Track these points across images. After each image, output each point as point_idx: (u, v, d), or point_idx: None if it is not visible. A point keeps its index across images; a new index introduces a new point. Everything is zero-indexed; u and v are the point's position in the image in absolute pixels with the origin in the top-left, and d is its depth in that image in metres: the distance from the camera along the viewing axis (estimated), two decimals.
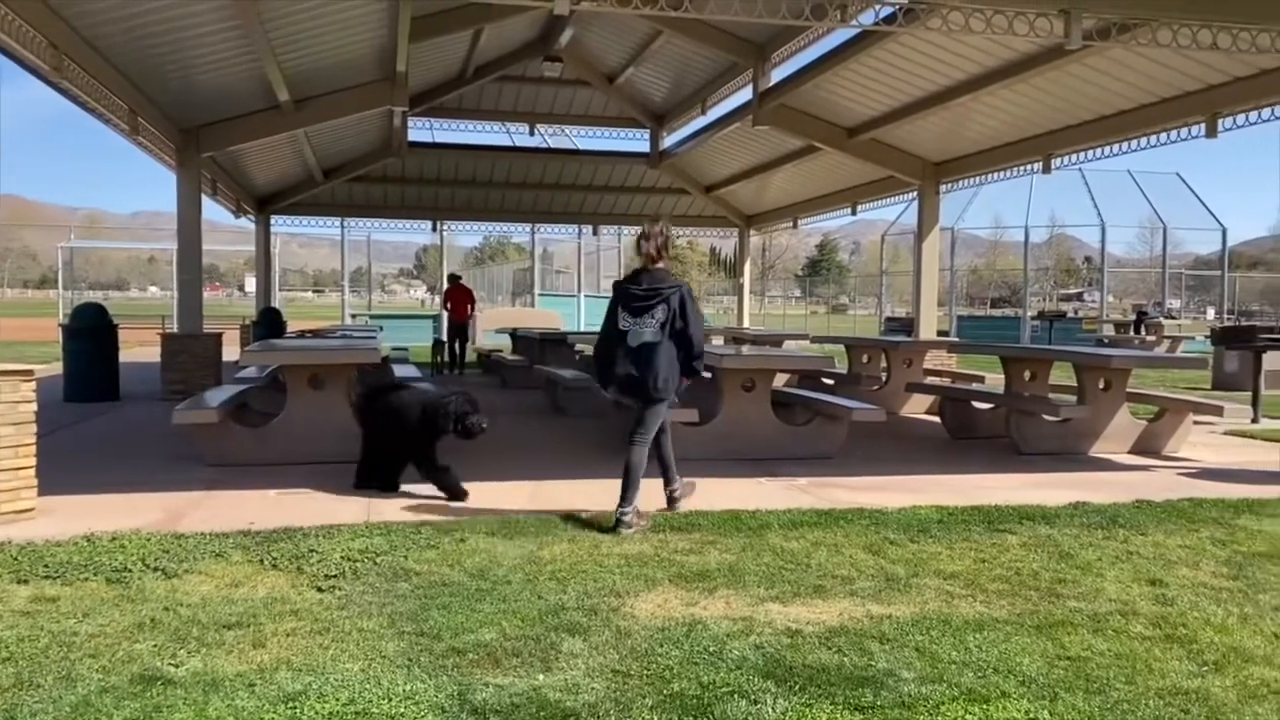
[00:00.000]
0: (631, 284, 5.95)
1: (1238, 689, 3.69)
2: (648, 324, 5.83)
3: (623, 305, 5.91)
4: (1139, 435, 9.05)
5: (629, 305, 5.88)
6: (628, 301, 5.89)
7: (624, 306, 5.90)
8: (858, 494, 6.90)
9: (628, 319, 5.88)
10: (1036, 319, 31.10)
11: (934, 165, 14.45)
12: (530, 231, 29.54)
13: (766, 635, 4.11)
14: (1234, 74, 9.46)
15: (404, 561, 5.02)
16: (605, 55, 17.14)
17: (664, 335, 5.83)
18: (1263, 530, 5.90)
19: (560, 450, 8.93)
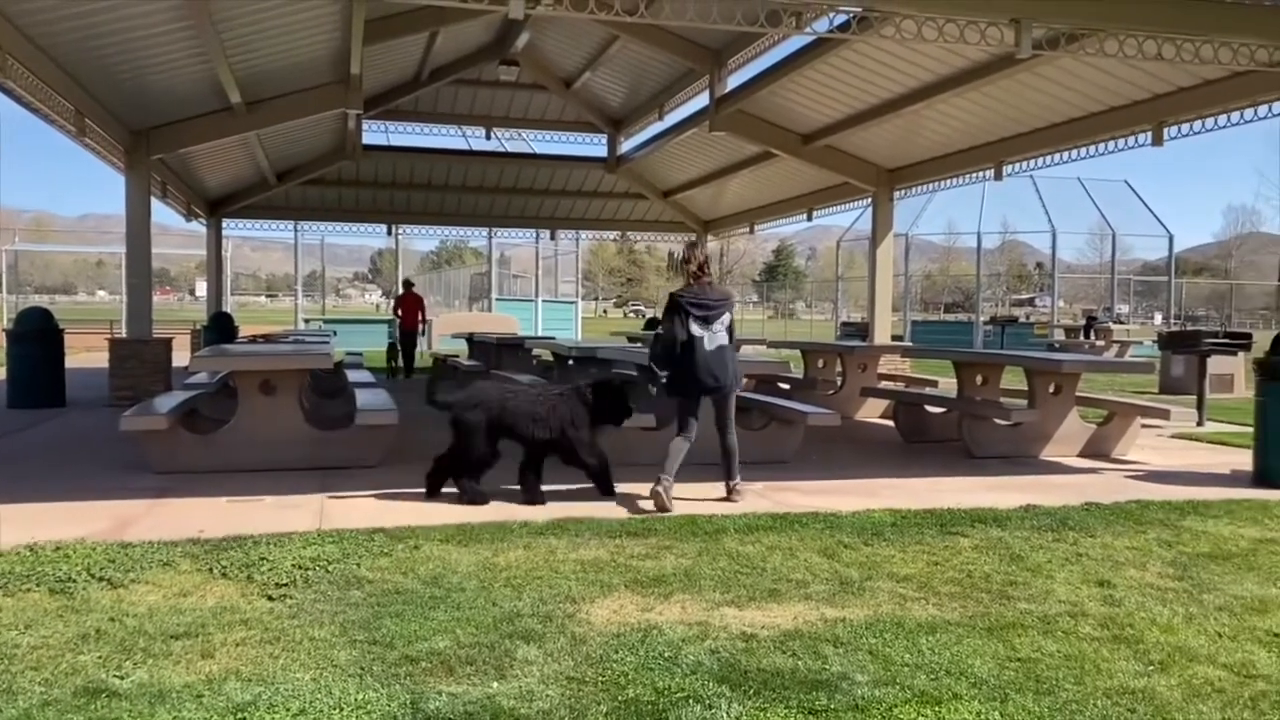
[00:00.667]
0: (698, 296, 6.71)
1: (1182, 688, 3.75)
2: (719, 330, 6.69)
3: (691, 315, 6.65)
4: (1088, 438, 9.19)
5: (699, 315, 6.66)
6: (698, 311, 6.66)
7: (693, 316, 6.65)
8: (813, 498, 6.94)
9: (699, 327, 6.65)
10: (989, 324, 31.56)
11: (888, 172, 14.60)
12: (487, 235, 29.40)
13: (722, 640, 4.12)
14: (1179, 84, 9.65)
15: (357, 569, 4.96)
16: (562, 60, 17.13)
17: (729, 338, 6.78)
18: (1207, 531, 6.02)
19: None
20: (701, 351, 6.62)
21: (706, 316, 6.65)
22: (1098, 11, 6.99)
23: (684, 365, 6.65)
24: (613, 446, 7.15)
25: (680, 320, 6.64)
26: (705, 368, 6.64)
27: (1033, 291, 72.21)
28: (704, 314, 6.66)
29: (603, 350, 10.09)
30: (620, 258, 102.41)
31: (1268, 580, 5.09)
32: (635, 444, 7.97)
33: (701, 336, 6.64)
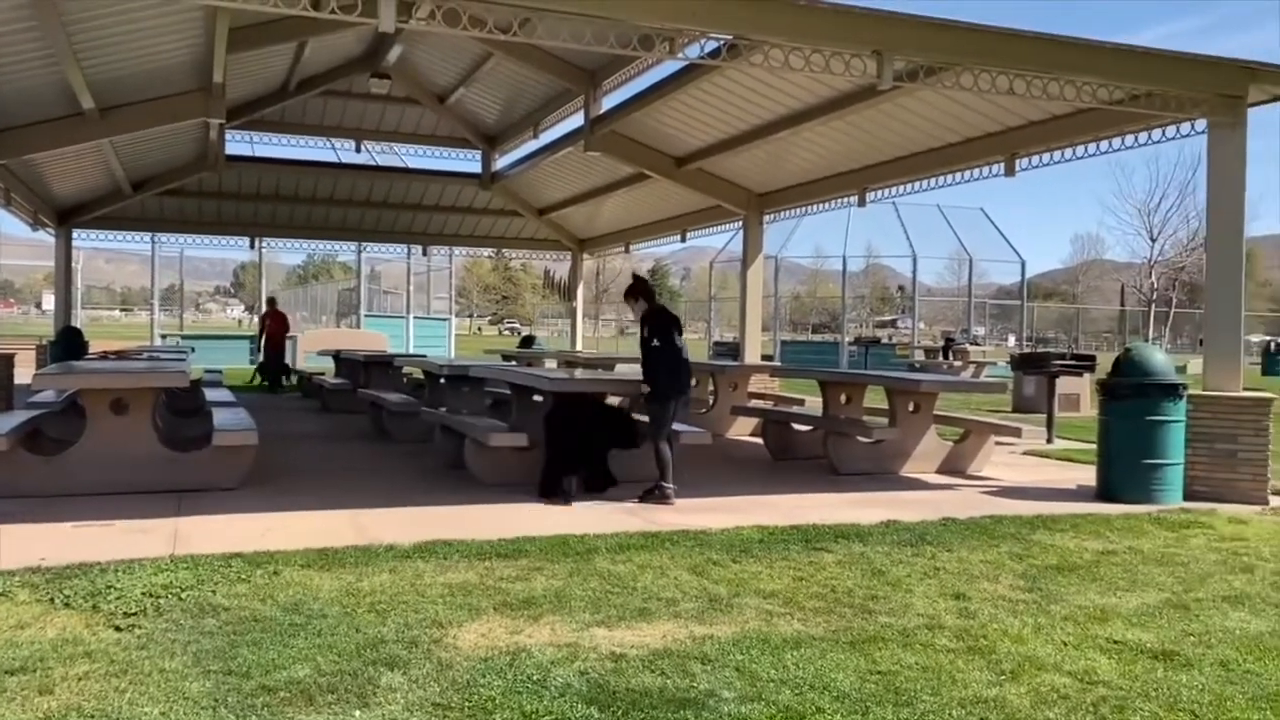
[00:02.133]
0: (672, 315, 7.90)
1: (1031, 695, 3.92)
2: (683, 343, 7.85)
3: (675, 329, 7.75)
4: (946, 455, 9.55)
5: (679, 329, 7.82)
6: (678, 327, 7.82)
7: (676, 330, 7.75)
8: (684, 516, 7.00)
9: (678, 338, 7.76)
10: (854, 344, 32.49)
11: (758, 196, 14.91)
12: (357, 250, 28.78)
13: (591, 661, 4.11)
14: (1029, 118, 10.16)
15: (211, 597, 4.77)
16: (435, 74, 16.94)
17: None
18: (1055, 544, 6.31)
19: (387, 476, 8.70)
20: (680, 360, 7.71)
21: (679, 329, 7.82)
22: (954, 46, 7.32)
23: (676, 374, 7.65)
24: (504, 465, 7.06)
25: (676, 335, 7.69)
26: (685, 374, 7.81)
27: (895, 313, 74.84)
28: (678, 328, 7.82)
29: (475, 369, 9.98)
30: (495, 275, 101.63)
31: (1109, 590, 5.37)
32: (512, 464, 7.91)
33: (682, 347, 7.73)
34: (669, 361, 7.63)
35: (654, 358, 7.67)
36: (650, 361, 7.70)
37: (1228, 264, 8.31)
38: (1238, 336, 8.36)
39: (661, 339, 7.63)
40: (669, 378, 7.60)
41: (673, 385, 7.63)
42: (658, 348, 7.64)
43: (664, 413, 7.62)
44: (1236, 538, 6.66)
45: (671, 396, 7.63)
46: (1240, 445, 7.94)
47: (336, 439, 11.40)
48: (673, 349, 7.65)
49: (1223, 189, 8.28)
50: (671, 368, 7.64)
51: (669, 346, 7.64)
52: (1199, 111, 8.16)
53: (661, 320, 7.74)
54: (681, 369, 7.71)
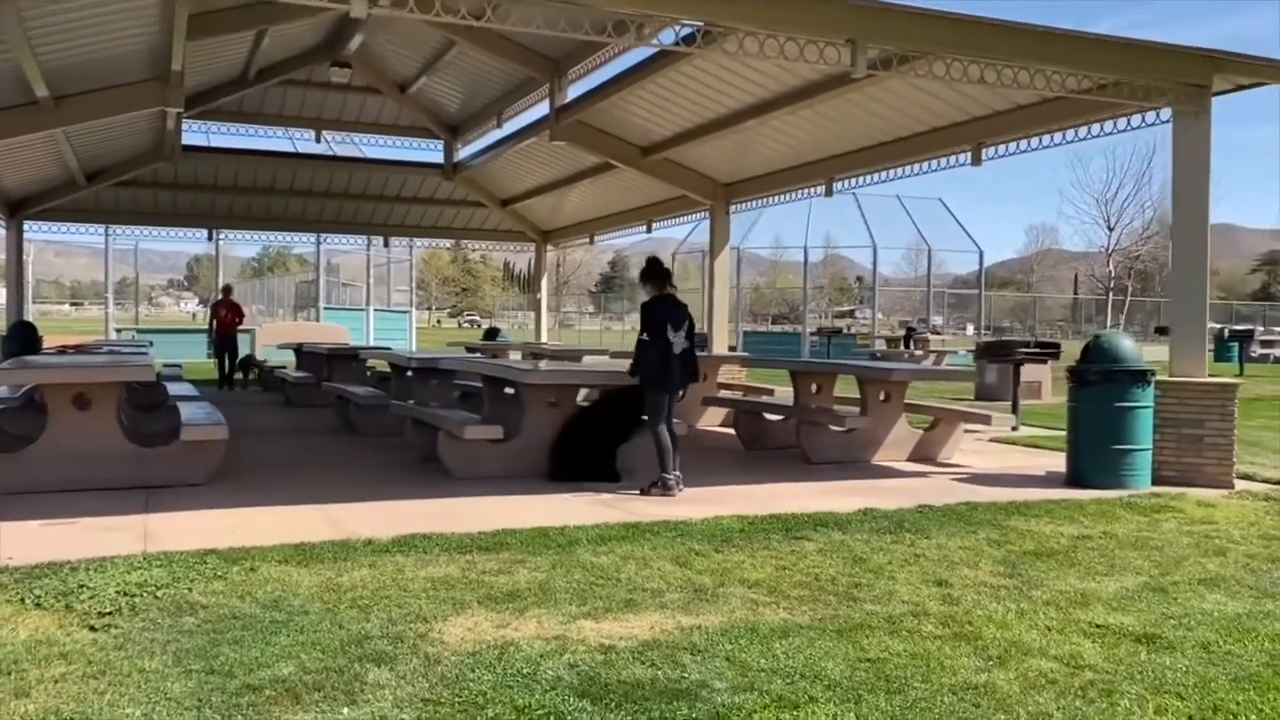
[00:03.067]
0: (674, 306, 7.63)
1: (1020, 680, 3.94)
2: (682, 335, 7.56)
3: (670, 323, 7.49)
4: (916, 443, 9.60)
5: (677, 322, 7.52)
6: (676, 320, 7.53)
7: (671, 323, 7.49)
8: (663, 507, 6.98)
9: (673, 333, 7.49)
10: (815, 335, 32.66)
11: (724, 186, 14.90)
12: (315, 242, 28.41)
13: (580, 653, 4.07)
14: (995, 108, 10.22)
15: (188, 594, 4.66)
16: (397, 63, 16.73)
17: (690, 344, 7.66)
18: (1031, 530, 6.36)
19: (357, 470, 8.59)
20: (671, 353, 7.47)
21: (680, 324, 7.56)
22: (928, 35, 7.33)
23: (663, 371, 7.49)
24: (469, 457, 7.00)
25: (665, 327, 7.47)
26: (679, 367, 7.55)
27: (853, 304, 75.40)
28: (680, 321, 7.57)
29: (445, 361, 9.88)
30: (454, 267, 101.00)
31: (1087, 575, 5.41)
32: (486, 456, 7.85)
33: (673, 341, 7.48)
34: (651, 356, 7.51)
35: (642, 351, 7.59)
36: (635, 355, 7.65)
37: (1193, 251, 8.42)
38: (1203, 323, 8.48)
39: (650, 333, 7.51)
40: (653, 373, 7.49)
41: (656, 380, 7.51)
42: (643, 341, 7.55)
43: (655, 405, 7.55)
44: (1206, 521, 6.76)
45: (660, 391, 7.54)
46: (1207, 430, 8.06)
47: (302, 433, 11.25)
48: (661, 343, 7.47)
49: (1187, 177, 8.38)
50: (657, 364, 7.49)
51: (658, 340, 7.48)
52: (1164, 100, 8.25)
53: (656, 312, 7.59)
54: (670, 364, 7.50)
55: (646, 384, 7.58)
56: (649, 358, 7.53)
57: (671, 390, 7.63)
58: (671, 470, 7.50)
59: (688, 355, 7.64)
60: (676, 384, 7.64)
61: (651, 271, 7.79)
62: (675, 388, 7.67)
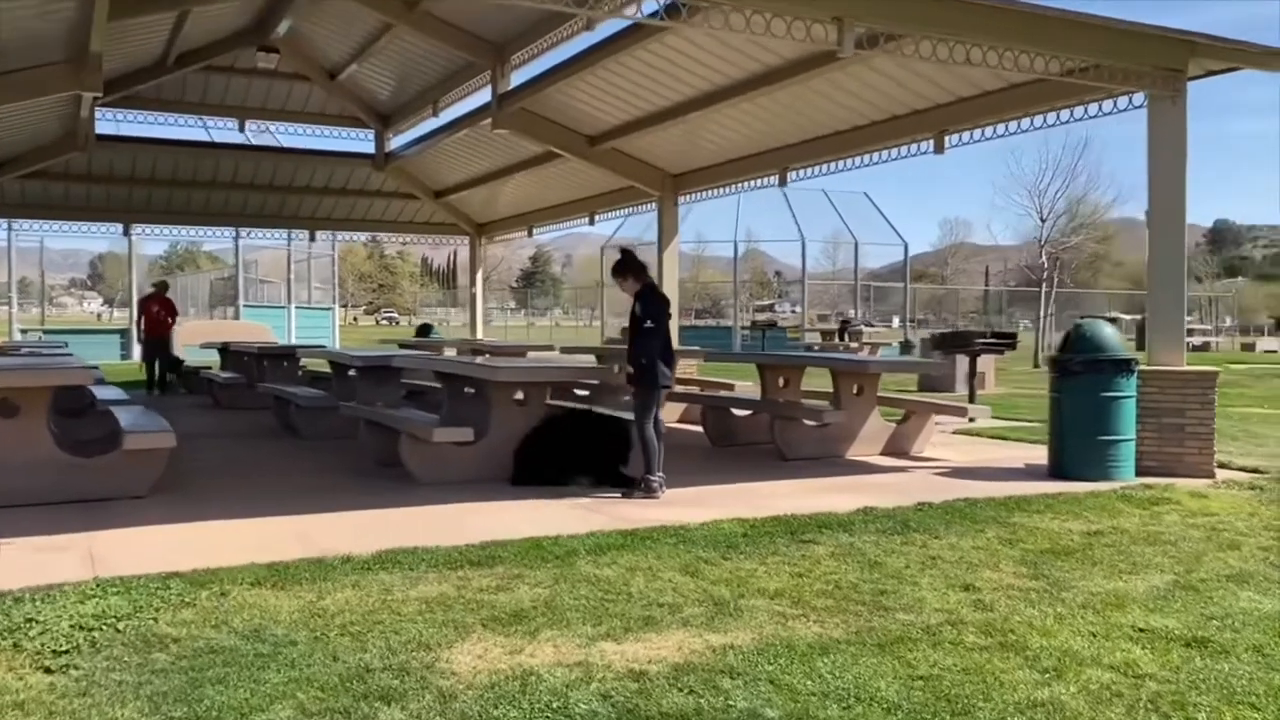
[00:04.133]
0: (663, 297, 7.45)
1: (1084, 695, 3.66)
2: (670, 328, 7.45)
3: (668, 313, 7.37)
4: (889, 437, 9.38)
5: (667, 315, 7.35)
6: (666, 312, 7.36)
7: (669, 314, 7.38)
8: (649, 510, 6.60)
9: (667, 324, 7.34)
10: (748, 329, 32.61)
11: (673, 177, 14.55)
12: (234, 237, 27.32)
13: (610, 681, 3.67)
14: (959, 94, 10.04)
15: (155, 625, 4.13)
16: (327, 48, 16.00)
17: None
18: (1039, 527, 6.13)
19: (311, 476, 8.03)
20: (668, 347, 7.29)
21: (669, 314, 7.41)
22: (916, 14, 7.07)
23: (669, 360, 7.27)
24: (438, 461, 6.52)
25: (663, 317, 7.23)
26: (670, 363, 7.32)
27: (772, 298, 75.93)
28: (668, 315, 7.37)
29: (397, 359, 9.34)
30: (371, 263, 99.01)
31: (1112, 573, 5.19)
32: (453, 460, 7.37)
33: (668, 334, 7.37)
34: (663, 345, 7.19)
35: (647, 340, 7.16)
36: (643, 344, 7.16)
37: (1169, 240, 8.33)
38: (1181, 311, 8.39)
39: (656, 320, 7.16)
40: (654, 365, 7.11)
41: (656, 374, 7.14)
42: (651, 329, 7.14)
43: (651, 399, 7.17)
44: (1205, 512, 6.62)
45: (662, 383, 7.21)
46: (1188, 419, 7.96)
47: (239, 437, 10.58)
48: (666, 332, 7.25)
49: (1163, 165, 8.28)
50: (666, 352, 7.21)
51: (663, 329, 7.20)
52: (1141, 85, 8.12)
53: (656, 299, 7.26)
54: (670, 358, 7.25)
55: (643, 378, 7.14)
56: (653, 348, 7.13)
57: (669, 385, 7.32)
58: (657, 472, 7.11)
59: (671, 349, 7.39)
60: (670, 379, 7.28)
61: (630, 262, 7.40)
62: (669, 383, 7.33)
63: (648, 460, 7.12)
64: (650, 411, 7.17)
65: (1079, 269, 46.72)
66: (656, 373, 7.12)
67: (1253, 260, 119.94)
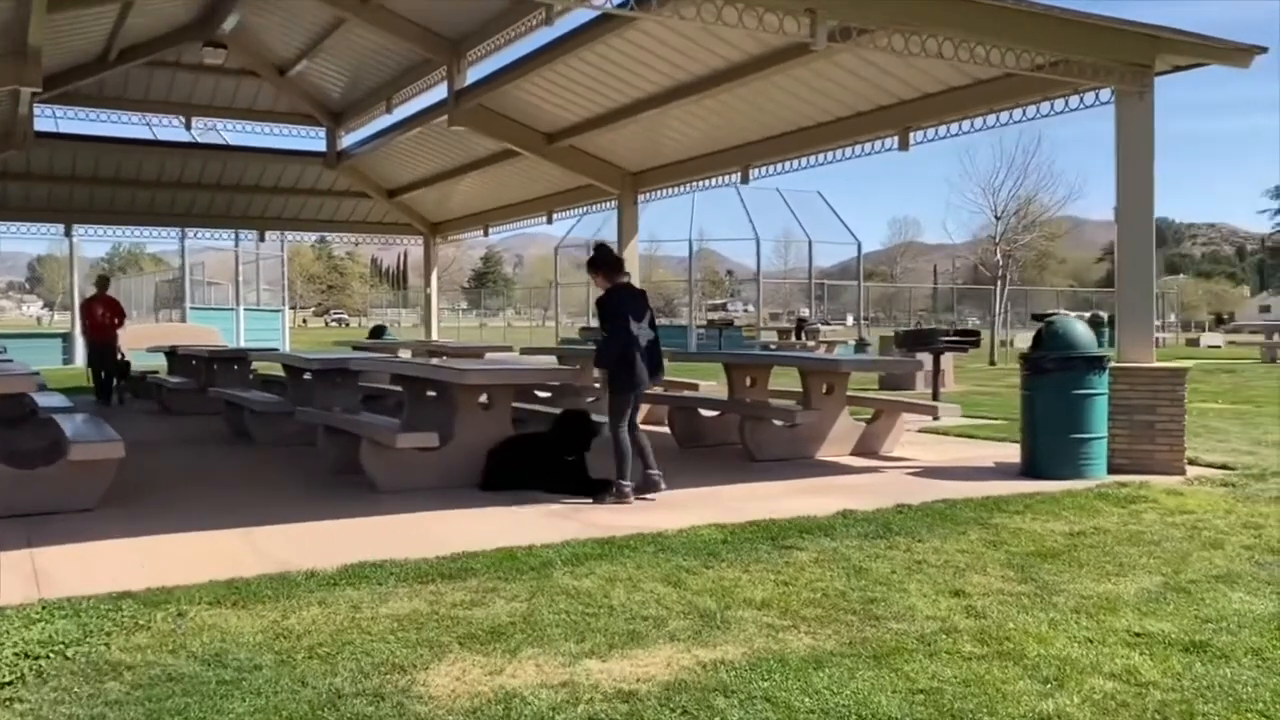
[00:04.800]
0: (632, 295, 7.09)
1: (1089, 706, 3.53)
2: (645, 326, 6.98)
3: (631, 314, 6.89)
4: (860, 437, 9.27)
5: (638, 313, 6.95)
6: (637, 310, 6.96)
7: (632, 314, 6.89)
8: (623, 516, 6.40)
9: (635, 325, 6.88)
10: (704, 328, 32.52)
11: (633, 175, 14.37)
12: (180, 237, 26.65)
13: (598, 704, 3.47)
14: (925, 90, 9.97)
15: (107, 652, 3.86)
16: (276, 44, 15.58)
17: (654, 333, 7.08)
18: (1022, 528, 6.03)
19: (268, 485, 7.72)
20: (637, 345, 6.88)
21: (642, 315, 6.98)
22: (888, 7, 6.96)
23: (629, 365, 6.88)
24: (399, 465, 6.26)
25: (627, 318, 6.86)
26: (644, 360, 6.93)
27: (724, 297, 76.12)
28: (641, 312, 6.99)
29: (355, 362, 9.05)
30: (319, 263, 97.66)
31: (1101, 576, 5.09)
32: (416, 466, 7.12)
33: (637, 334, 6.88)
34: (617, 350, 6.88)
35: (606, 343, 6.97)
36: (603, 347, 7.00)
37: (1138, 237, 8.30)
38: (1150, 308, 8.37)
39: (612, 324, 6.90)
40: (618, 370, 6.88)
41: (622, 378, 6.89)
42: (612, 332, 6.91)
43: (620, 405, 6.94)
44: (1183, 510, 6.57)
45: (626, 389, 6.92)
46: (1158, 416, 7.93)
47: (191, 444, 10.20)
48: (624, 335, 6.86)
49: (1131, 161, 8.24)
50: (622, 358, 6.88)
51: (620, 333, 6.87)
52: (1109, 80, 8.08)
53: (614, 302, 6.97)
54: (636, 360, 6.88)
55: (611, 382, 6.92)
56: (612, 353, 6.90)
57: (636, 388, 6.98)
58: (628, 477, 6.93)
59: (653, 347, 7.02)
60: (642, 380, 6.99)
61: (603, 259, 7.19)
62: (641, 385, 7.02)
63: (619, 465, 6.91)
64: (621, 416, 6.96)
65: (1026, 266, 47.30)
66: (618, 378, 6.88)
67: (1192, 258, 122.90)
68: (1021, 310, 41.50)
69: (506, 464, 7.25)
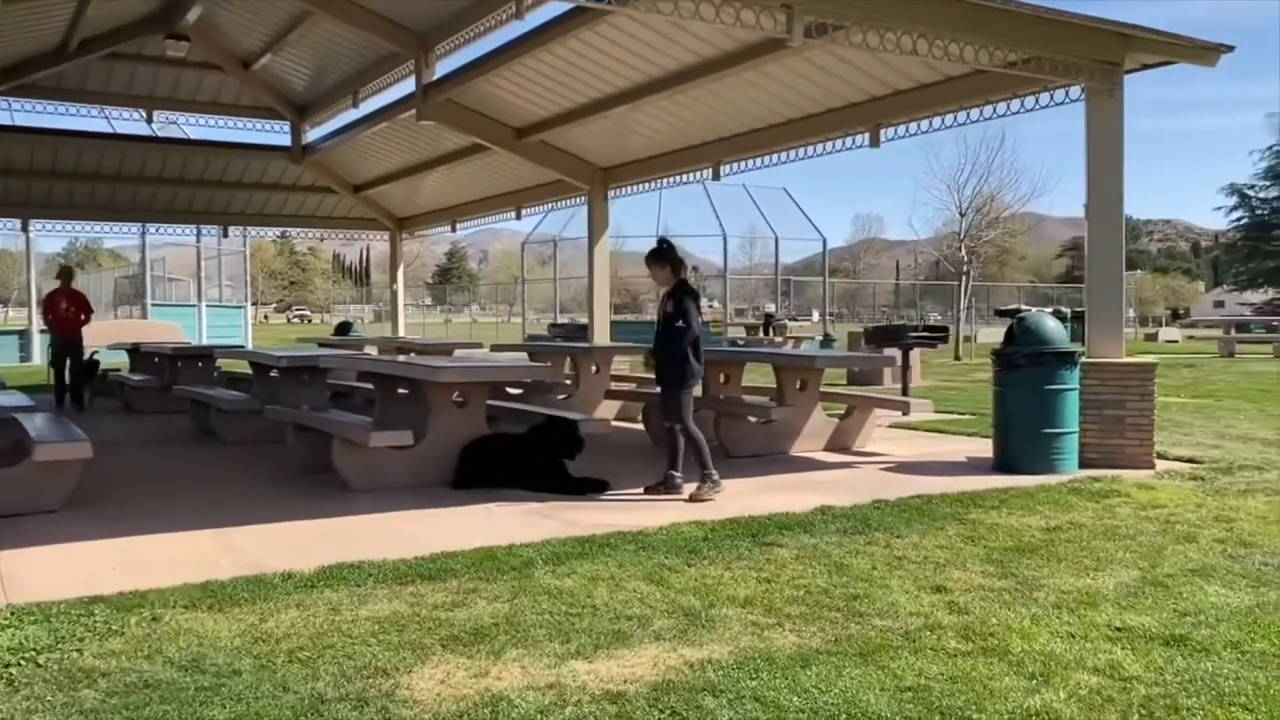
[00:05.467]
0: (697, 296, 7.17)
1: (1075, 701, 3.55)
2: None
3: (699, 310, 7.03)
4: (832, 433, 9.29)
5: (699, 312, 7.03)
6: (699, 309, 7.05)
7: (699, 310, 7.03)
8: (602, 514, 6.36)
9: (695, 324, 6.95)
10: None
11: (603, 170, 14.31)
12: (140, 233, 26.23)
13: (586, 705, 3.43)
14: (896, 87, 9.99)
15: (80, 658, 3.76)
16: (240, 37, 15.35)
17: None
18: (999, 524, 6.06)
19: (238, 485, 7.60)
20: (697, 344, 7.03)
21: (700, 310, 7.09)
22: (866, 3, 6.96)
23: (699, 359, 7.06)
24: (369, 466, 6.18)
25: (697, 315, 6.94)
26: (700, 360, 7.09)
27: None
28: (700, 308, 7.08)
29: (325, 359, 8.93)
30: (281, 259, 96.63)
31: (1079, 570, 5.12)
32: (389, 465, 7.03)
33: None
34: (695, 343, 6.98)
35: (678, 338, 6.92)
36: (674, 342, 6.95)
37: (1108, 233, 8.37)
38: (1120, 303, 8.44)
39: (688, 319, 6.89)
40: (689, 364, 6.94)
41: (693, 372, 7.00)
42: (682, 328, 6.88)
43: (687, 398, 7.03)
44: (1155, 505, 6.64)
45: (692, 384, 7.03)
46: (1128, 411, 8.01)
47: (156, 443, 10.03)
48: (696, 329, 6.96)
49: (1101, 158, 8.31)
50: (696, 353, 6.99)
51: (694, 326, 6.92)
52: (1080, 78, 8.14)
53: (689, 296, 7.02)
54: (700, 352, 7.08)
55: (675, 377, 6.97)
56: (689, 349, 6.94)
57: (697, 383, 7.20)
58: (709, 466, 6.98)
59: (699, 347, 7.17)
60: (699, 377, 7.20)
61: (674, 254, 7.15)
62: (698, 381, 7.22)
63: (700, 457, 6.96)
64: (689, 410, 7.05)
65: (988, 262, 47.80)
66: (688, 372, 6.96)
67: (1149, 254, 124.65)
68: (983, 306, 41.91)
69: (482, 462, 7.18)
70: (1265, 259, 48.22)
